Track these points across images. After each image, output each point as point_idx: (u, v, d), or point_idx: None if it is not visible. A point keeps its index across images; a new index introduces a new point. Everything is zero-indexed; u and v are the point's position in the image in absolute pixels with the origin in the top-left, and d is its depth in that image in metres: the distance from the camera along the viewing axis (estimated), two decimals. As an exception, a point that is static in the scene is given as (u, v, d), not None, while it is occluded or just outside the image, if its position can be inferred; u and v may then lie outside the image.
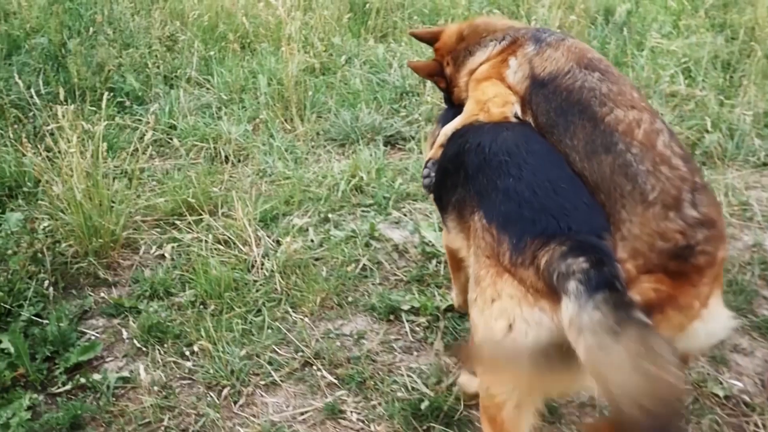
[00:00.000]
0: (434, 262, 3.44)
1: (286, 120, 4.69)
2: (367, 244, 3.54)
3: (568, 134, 2.17)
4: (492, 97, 2.43)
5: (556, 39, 2.43)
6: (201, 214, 3.72)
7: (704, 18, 5.74)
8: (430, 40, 2.89)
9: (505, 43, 2.57)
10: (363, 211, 3.86)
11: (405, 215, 3.80)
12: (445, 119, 2.67)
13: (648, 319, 1.66)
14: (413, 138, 4.50)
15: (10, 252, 3.36)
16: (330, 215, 3.77)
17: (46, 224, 3.47)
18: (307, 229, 3.67)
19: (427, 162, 2.58)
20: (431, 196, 2.64)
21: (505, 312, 1.89)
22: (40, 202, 3.71)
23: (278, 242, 3.57)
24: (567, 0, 5.75)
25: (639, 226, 1.93)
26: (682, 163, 1.99)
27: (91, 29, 5.73)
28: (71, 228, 3.44)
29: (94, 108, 4.75)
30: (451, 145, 2.46)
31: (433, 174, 2.54)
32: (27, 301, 3.14)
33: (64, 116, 3.61)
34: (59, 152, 3.51)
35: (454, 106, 2.72)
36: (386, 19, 6.03)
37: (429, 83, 4.84)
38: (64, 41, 5.52)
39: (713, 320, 1.94)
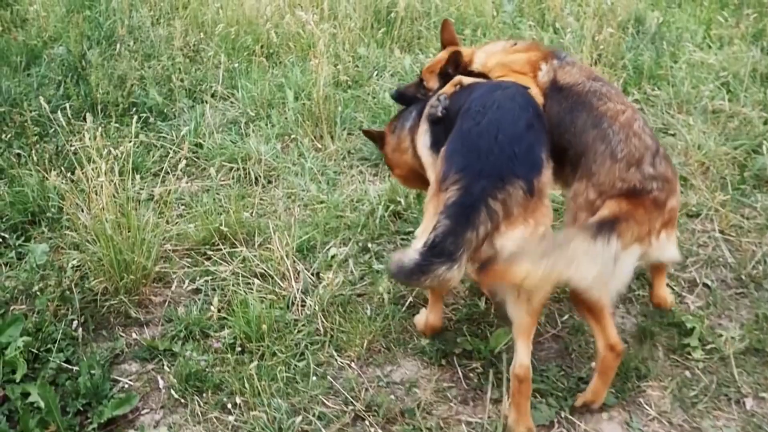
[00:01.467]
0: (484, 299, 3.14)
1: (315, 138, 4.37)
2: (413, 279, 3.24)
3: (572, 125, 2.69)
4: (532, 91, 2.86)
5: (572, 60, 2.99)
6: (234, 244, 3.41)
7: (736, 28, 5.41)
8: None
9: (523, 43, 3.18)
10: (403, 239, 3.55)
11: (448, 244, 3.49)
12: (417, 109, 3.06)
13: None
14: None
15: (36, 289, 3.05)
16: (369, 245, 3.46)
17: (74, 261, 3.15)
18: (347, 260, 3.36)
19: (440, 96, 2.84)
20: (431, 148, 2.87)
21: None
22: (65, 232, 3.41)
23: (318, 275, 3.27)
24: (597, 11, 5.40)
25: (605, 174, 2.53)
26: (650, 139, 2.61)
27: (111, 39, 5.40)
28: (100, 262, 3.13)
29: (117, 124, 4.44)
30: (457, 100, 2.74)
31: (442, 107, 2.79)
32: (55, 345, 2.84)
33: (89, 133, 3.27)
34: (84, 175, 3.18)
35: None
36: (411, 28, 5.69)
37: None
38: (83, 52, 5.19)
39: (662, 249, 2.54)
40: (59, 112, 3.92)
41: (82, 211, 3.32)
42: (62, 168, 3.83)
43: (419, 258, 2.20)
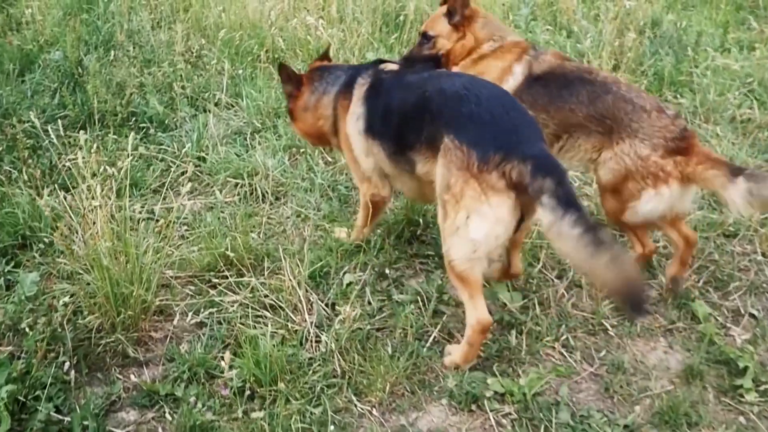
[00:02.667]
0: (515, 333, 2.78)
1: (325, 150, 3.99)
2: (436, 311, 2.88)
3: (573, 96, 2.90)
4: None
5: (544, 50, 3.21)
6: (242, 271, 3.04)
7: (759, 32, 5.04)
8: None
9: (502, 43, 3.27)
10: (422, 263, 3.19)
11: (470, 269, 3.12)
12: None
13: (606, 236, 2.22)
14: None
15: (24, 325, 2.67)
16: (387, 270, 3.09)
17: (66, 297, 2.76)
18: (363, 289, 2.99)
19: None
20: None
21: (466, 206, 2.39)
22: (58, 259, 3.03)
23: (333, 306, 2.90)
24: (617, 14, 5.01)
25: (649, 127, 2.74)
26: (647, 94, 3.00)
27: (109, 44, 5.00)
28: (95, 295, 2.75)
29: (115, 136, 4.06)
30: (409, 94, 2.71)
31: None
32: (45, 391, 2.46)
33: (84, 149, 2.89)
34: (79, 196, 2.79)
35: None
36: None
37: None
38: (80, 57, 4.79)
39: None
40: (54, 123, 3.54)
41: (77, 233, 2.94)
42: (56, 185, 3.46)
43: (587, 228, 2.19)
